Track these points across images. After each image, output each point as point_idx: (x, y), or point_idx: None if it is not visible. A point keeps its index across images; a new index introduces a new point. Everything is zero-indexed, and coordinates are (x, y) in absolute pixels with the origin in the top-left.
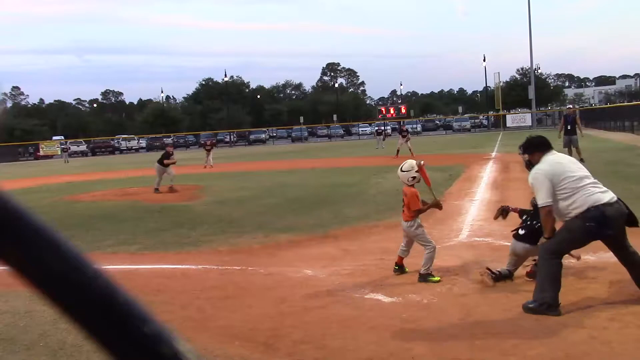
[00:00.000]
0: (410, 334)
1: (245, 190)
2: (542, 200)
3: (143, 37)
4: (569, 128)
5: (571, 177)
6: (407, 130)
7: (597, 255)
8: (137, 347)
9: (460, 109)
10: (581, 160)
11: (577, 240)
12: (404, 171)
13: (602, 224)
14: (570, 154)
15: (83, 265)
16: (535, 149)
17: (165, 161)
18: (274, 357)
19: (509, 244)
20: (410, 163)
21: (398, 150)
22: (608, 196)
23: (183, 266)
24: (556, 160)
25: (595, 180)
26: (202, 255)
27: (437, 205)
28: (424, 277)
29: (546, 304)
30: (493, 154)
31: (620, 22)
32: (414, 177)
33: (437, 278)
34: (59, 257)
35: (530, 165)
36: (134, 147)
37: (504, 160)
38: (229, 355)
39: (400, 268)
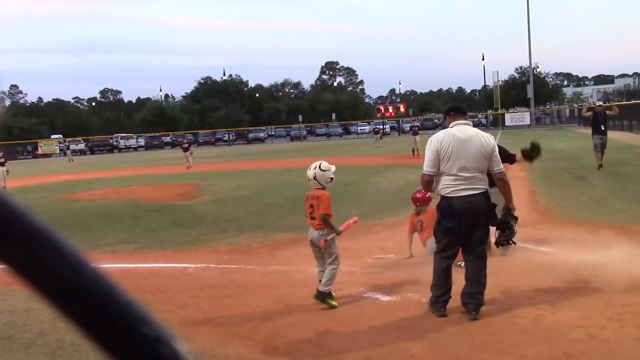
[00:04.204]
0: (409, 332)
1: (244, 189)
2: (424, 168)
3: (142, 36)
4: (602, 128)
5: (449, 158)
6: (418, 126)
7: (596, 253)
8: (137, 348)
9: None
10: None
11: (438, 231)
12: (323, 170)
13: (445, 216)
14: (601, 156)
15: (82, 265)
16: (447, 112)
17: None
18: (273, 356)
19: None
20: (327, 163)
21: (414, 150)
22: (467, 192)
23: (182, 265)
24: (454, 133)
25: (475, 175)
26: (201, 254)
27: (337, 231)
28: (323, 296)
29: (431, 303)
30: None
31: (619, 21)
32: (332, 178)
33: (335, 303)
34: (57, 257)
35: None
36: (132, 146)
37: None
38: (228, 354)
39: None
